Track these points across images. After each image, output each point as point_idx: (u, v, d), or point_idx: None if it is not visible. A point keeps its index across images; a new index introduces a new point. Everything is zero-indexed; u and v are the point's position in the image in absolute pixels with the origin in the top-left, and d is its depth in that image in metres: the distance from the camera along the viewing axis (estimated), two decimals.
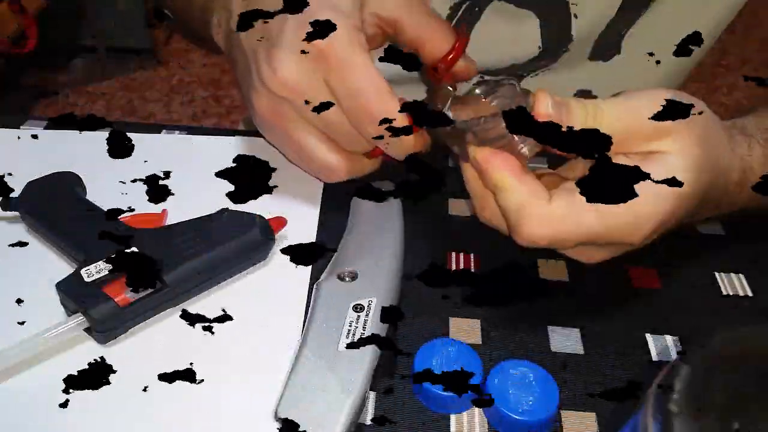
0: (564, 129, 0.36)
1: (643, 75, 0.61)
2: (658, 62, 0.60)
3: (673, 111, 0.36)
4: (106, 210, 0.45)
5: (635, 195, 0.35)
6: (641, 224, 0.36)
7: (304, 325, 0.40)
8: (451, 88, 0.42)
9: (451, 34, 0.44)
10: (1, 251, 0.46)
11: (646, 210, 0.36)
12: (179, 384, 0.38)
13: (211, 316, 0.41)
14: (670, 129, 0.36)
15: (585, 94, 0.62)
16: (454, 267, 0.46)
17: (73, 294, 0.39)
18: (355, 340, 0.37)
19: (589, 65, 0.60)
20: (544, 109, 0.36)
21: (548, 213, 0.36)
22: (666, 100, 0.36)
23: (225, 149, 0.56)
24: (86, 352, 0.39)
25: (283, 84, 0.41)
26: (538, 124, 0.36)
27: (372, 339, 0.37)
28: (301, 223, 0.48)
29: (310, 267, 0.45)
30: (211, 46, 0.52)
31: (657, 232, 0.37)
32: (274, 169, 0.53)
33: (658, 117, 0.36)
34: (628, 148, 0.36)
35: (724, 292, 0.45)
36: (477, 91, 0.38)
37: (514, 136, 0.37)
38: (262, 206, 0.45)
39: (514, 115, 0.37)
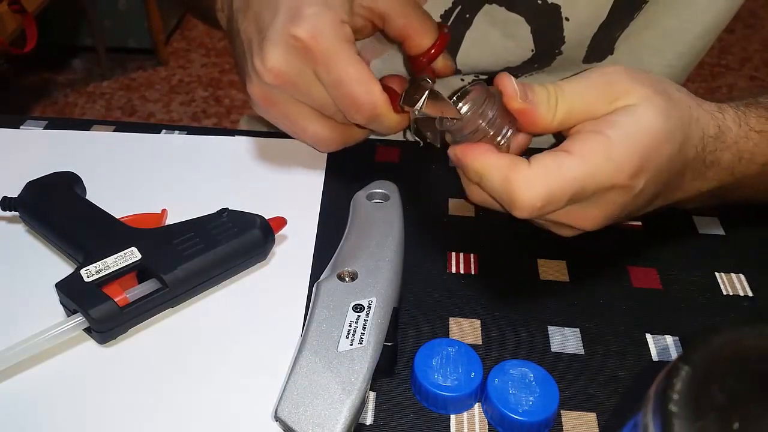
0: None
1: None
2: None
3: None
4: (105, 210, 0.45)
5: None
6: (621, 161, 0.37)
7: (304, 325, 0.40)
8: (429, 81, 0.45)
9: (435, 31, 0.47)
10: (1, 251, 0.46)
11: (620, 147, 0.37)
12: (179, 384, 0.38)
13: (210, 316, 0.42)
14: (627, 88, 0.38)
15: None
16: (454, 267, 0.46)
17: (73, 294, 0.39)
18: (355, 340, 0.37)
19: (584, 66, 0.60)
20: (510, 87, 0.38)
21: (532, 173, 0.38)
22: None
23: (225, 149, 0.56)
24: (86, 352, 0.39)
25: (273, 74, 0.43)
26: None
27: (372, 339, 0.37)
28: (301, 223, 0.48)
29: (310, 267, 0.45)
30: (214, 24, 0.55)
31: (644, 173, 0.38)
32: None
33: None
34: (595, 115, 0.39)
35: (724, 292, 0.45)
36: (453, 99, 0.41)
37: (490, 130, 0.40)
38: (262, 206, 0.45)
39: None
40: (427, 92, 0.43)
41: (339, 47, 0.42)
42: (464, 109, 0.41)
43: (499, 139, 0.41)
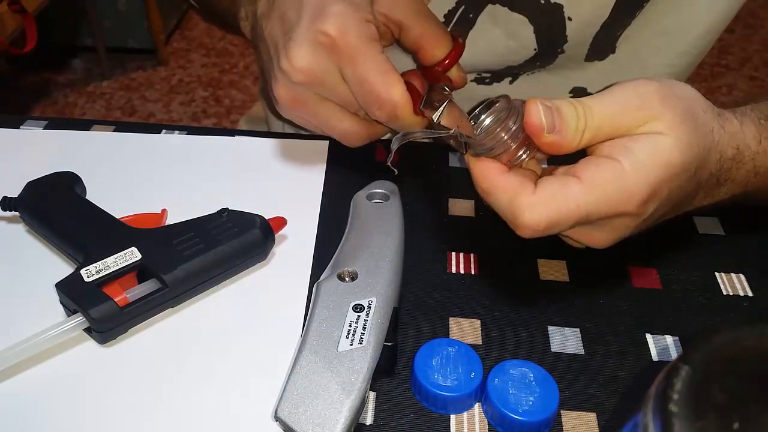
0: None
1: (640, 75, 0.61)
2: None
3: None
4: (105, 210, 0.45)
5: None
6: (630, 191, 0.37)
7: (304, 325, 0.40)
8: (448, 90, 0.44)
9: (449, 43, 0.47)
10: (1, 251, 0.46)
11: (632, 177, 0.37)
12: (179, 384, 0.38)
13: (210, 316, 0.42)
14: (657, 114, 0.37)
15: (580, 91, 0.62)
16: (454, 267, 0.46)
17: (73, 294, 0.39)
18: (355, 340, 0.37)
19: (585, 65, 0.60)
20: (536, 117, 0.37)
21: (537, 198, 0.37)
22: None
23: (225, 149, 0.56)
24: (86, 352, 0.39)
25: (300, 72, 0.43)
26: None
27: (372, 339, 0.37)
28: (301, 223, 0.48)
29: (310, 267, 0.45)
30: (235, 31, 0.55)
31: (654, 201, 0.38)
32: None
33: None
34: (619, 135, 0.38)
35: (724, 292, 0.45)
36: (476, 111, 0.41)
37: (512, 144, 0.40)
38: (262, 206, 0.45)
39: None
40: (445, 104, 0.42)
41: (365, 45, 0.42)
42: (486, 122, 0.40)
43: (520, 153, 0.40)
